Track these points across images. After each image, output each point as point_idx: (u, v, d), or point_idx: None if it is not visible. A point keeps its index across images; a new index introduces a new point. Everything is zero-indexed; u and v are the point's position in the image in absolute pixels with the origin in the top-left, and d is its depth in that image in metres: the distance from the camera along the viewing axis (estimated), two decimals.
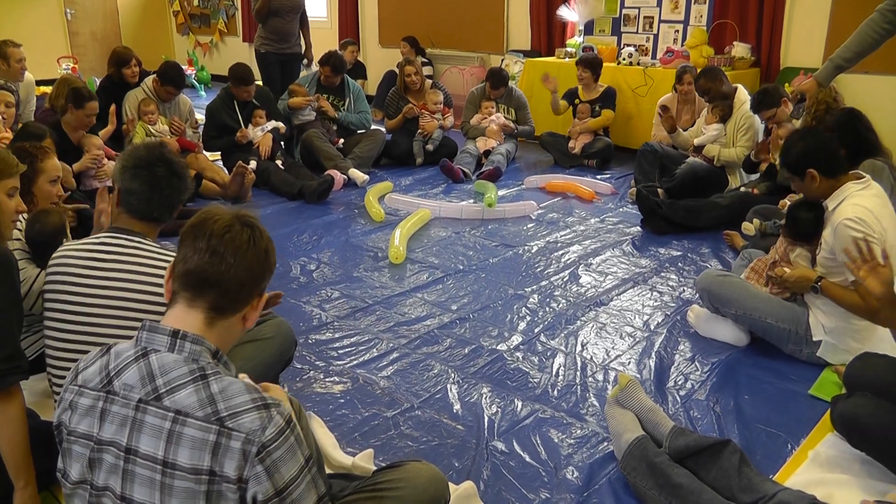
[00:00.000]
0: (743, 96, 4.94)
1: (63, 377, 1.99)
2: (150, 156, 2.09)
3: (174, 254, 2.07)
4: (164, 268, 1.99)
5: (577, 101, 6.22)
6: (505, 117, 6.25)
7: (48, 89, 5.50)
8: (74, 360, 1.94)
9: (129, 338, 1.91)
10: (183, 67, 5.85)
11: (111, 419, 1.29)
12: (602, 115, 6.12)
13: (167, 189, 2.08)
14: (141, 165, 2.07)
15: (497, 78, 6.20)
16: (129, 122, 5.12)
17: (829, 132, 3.17)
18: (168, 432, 1.25)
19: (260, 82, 5.64)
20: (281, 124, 5.72)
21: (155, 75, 5.31)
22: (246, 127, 5.57)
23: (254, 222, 1.42)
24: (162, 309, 1.93)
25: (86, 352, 1.93)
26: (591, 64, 6.11)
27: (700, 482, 2.02)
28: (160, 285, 1.96)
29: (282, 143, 5.78)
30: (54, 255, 2.09)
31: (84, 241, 2.11)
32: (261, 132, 5.54)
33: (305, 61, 7.06)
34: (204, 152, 5.54)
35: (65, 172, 3.98)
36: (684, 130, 5.27)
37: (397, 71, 6.54)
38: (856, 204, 2.66)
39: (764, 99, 4.38)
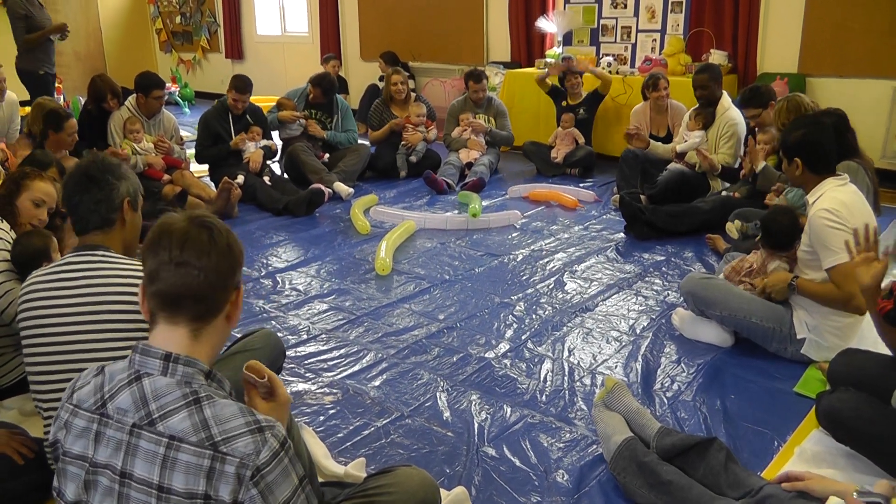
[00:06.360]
0: (726, 103, 4.97)
1: (47, 400, 1.96)
2: (70, 173, 2.14)
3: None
4: (132, 276, 1.98)
5: (564, 102, 6.32)
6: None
7: None
8: (58, 381, 1.92)
9: (108, 351, 1.91)
10: (167, 84, 5.81)
11: (106, 442, 1.29)
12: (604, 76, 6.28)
13: (86, 196, 2.07)
14: (65, 185, 2.12)
15: (475, 75, 6.27)
16: (115, 145, 5.10)
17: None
18: (162, 458, 1.25)
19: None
20: (273, 143, 5.75)
21: (135, 94, 5.28)
22: None
23: (210, 221, 1.39)
24: (137, 318, 1.92)
25: (67, 371, 1.93)
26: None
27: (689, 478, 2.04)
28: (132, 294, 1.94)
29: (269, 161, 5.79)
30: (24, 283, 2.06)
31: (51, 265, 2.09)
32: (254, 146, 5.57)
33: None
34: (190, 168, 5.54)
35: None
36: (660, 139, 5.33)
37: (380, 84, 6.57)
38: (832, 197, 2.73)
39: (753, 97, 4.40)
